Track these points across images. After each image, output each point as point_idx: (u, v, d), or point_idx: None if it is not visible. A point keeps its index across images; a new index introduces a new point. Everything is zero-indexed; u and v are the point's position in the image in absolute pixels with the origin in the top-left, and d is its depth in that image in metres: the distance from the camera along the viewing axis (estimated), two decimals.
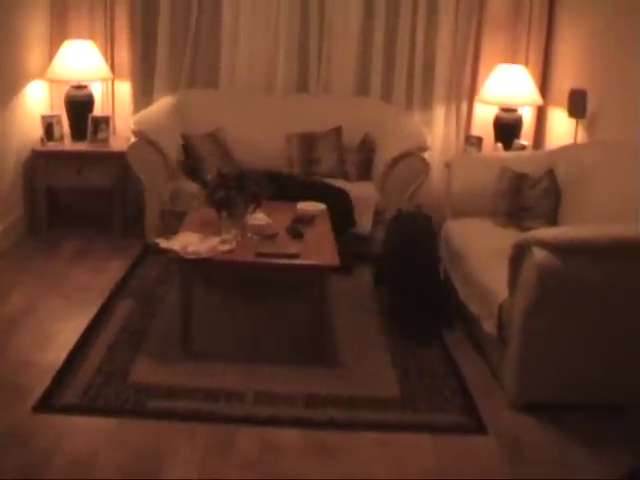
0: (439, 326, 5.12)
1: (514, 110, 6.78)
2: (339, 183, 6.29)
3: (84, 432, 3.84)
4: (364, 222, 6.08)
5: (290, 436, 3.86)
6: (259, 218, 4.86)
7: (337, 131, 6.68)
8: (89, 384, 4.21)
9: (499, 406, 4.22)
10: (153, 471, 3.54)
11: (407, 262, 5.11)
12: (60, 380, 4.24)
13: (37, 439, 3.73)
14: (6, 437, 3.71)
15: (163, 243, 4.56)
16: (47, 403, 4.03)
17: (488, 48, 7.03)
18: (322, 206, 5.40)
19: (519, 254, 4.06)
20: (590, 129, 5.92)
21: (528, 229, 4.71)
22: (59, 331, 4.85)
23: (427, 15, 6.97)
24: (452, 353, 4.83)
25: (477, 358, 4.79)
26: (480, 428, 4.02)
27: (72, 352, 4.56)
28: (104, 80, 6.98)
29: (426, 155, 6.31)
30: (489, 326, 4.41)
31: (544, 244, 3.93)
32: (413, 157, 6.18)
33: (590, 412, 4.18)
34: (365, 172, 6.54)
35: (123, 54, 7.02)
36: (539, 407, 4.18)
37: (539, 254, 3.92)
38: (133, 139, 6.31)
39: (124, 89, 7.10)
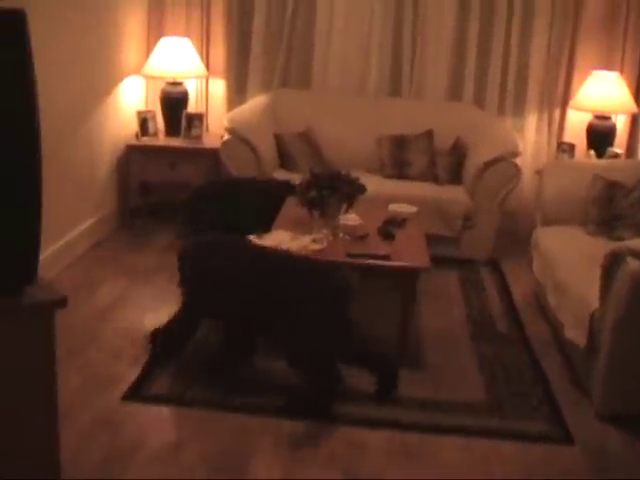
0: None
1: (608, 117, 6.70)
2: (429, 186, 6.32)
3: (171, 423, 3.91)
4: (453, 225, 6.10)
5: (375, 437, 3.87)
6: (351, 218, 4.88)
7: (429, 134, 6.66)
8: (178, 375, 4.27)
9: (586, 416, 4.17)
10: (238, 465, 3.58)
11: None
12: (150, 371, 4.31)
13: (125, 428, 3.80)
14: (95, 424, 3.79)
15: (256, 240, 4.60)
16: (136, 392, 4.10)
17: (582, 54, 6.96)
18: (413, 208, 5.39)
19: (612, 264, 4.00)
20: None
21: (620, 239, 4.66)
22: (148, 322, 4.93)
23: (522, 20, 6.93)
24: (539, 359, 4.79)
25: (562, 363, 4.74)
26: (567, 438, 3.97)
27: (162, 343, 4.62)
28: (199, 77, 7.07)
29: (518, 161, 6.27)
30: (573, 333, 4.36)
31: (639, 254, 3.88)
32: (505, 162, 6.16)
33: None
34: (456, 176, 6.51)
35: (218, 52, 7.13)
36: (627, 419, 4.12)
37: (633, 264, 3.86)
38: (226, 136, 6.36)
39: (218, 87, 7.21)
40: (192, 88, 7.11)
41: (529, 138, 7.08)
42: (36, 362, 2.64)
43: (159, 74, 6.84)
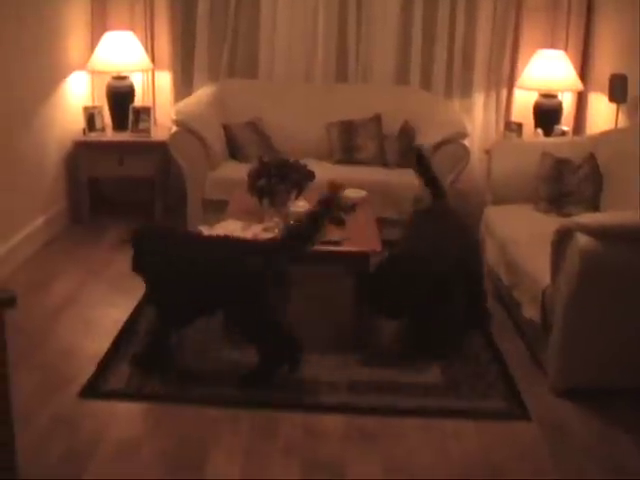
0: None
1: (554, 96, 6.74)
2: (379, 170, 6.32)
3: (129, 418, 3.89)
4: (403, 208, 6.08)
5: (333, 422, 3.88)
6: (301, 205, 4.87)
7: (377, 118, 6.67)
8: (134, 371, 4.25)
9: (542, 392, 4.21)
10: (198, 457, 3.58)
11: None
12: (105, 367, 4.29)
13: (83, 425, 3.78)
14: (53, 423, 3.77)
15: (206, 231, 4.58)
16: (93, 389, 4.08)
17: (527, 33, 6.99)
18: (363, 192, 5.41)
19: (562, 240, 4.04)
20: (631, 114, 5.88)
21: (569, 215, 4.68)
22: (103, 318, 4.92)
23: (466, 1, 6.95)
24: (494, 338, 4.81)
25: (519, 342, 4.78)
26: (523, 414, 4.01)
27: (116, 339, 4.61)
28: (145, 71, 7.03)
29: (466, 142, 6.29)
30: (530, 312, 4.40)
31: (587, 230, 3.91)
32: (453, 144, 6.17)
33: (634, 398, 4.16)
34: (405, 159, 6.50)
35: (163, 44, 7.08)
36: (582, 393, 4.16)
37: (582, 240, 3.90)
38: (174, 129, 6.33)
39: (164, 79, 7.16)
40: (138, 82, 7.05)
41: (477, 118, 7.11)
42: None
43: (104, 69, 6.78)
